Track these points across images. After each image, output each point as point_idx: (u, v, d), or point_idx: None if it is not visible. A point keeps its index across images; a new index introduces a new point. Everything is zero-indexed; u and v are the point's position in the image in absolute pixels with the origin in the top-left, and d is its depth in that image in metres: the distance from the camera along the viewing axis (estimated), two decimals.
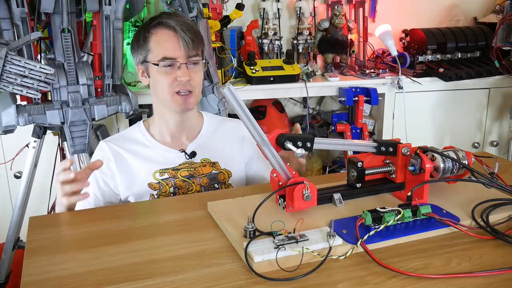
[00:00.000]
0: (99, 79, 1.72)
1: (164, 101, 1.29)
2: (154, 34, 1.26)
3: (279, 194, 0.99)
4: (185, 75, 1.24)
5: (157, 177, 1.29)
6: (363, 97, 2.31)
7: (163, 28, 1.25)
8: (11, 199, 2.16)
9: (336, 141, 1.09)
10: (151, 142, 1.34)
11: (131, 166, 1.30)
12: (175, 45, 1.24)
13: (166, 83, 1.25)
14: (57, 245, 0.91)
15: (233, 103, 0.87)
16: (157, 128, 1.36)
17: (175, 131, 1.34)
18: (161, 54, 1.25)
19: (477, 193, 1.03)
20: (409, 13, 2.71)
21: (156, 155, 1.32)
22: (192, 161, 1.33)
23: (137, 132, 1.37)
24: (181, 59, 1.25)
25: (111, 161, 1.29)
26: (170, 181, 1.30)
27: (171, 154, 1.33)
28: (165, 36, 1.25)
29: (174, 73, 1.25)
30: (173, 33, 1.24)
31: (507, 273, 0.77)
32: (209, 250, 0.86)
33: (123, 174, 1.29)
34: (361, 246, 0.83)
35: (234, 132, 1.42)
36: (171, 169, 1.31)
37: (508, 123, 2.57)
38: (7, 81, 1.50)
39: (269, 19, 2.44)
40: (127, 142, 1.34)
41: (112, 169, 1.29)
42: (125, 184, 1.29)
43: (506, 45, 2.43)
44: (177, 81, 1.25)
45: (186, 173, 1.31)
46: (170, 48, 1.24)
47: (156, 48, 1.25)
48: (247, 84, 2.21)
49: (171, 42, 1.24)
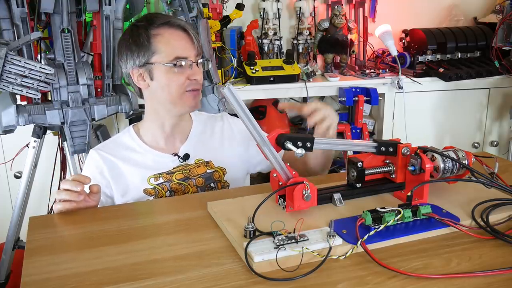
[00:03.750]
0: (99, 79, 1.72)
1: (172, 103, 1.27)
2: (159, 35, 1.23)
3: (279, 194, 0.99)
4: (198, 73, 1.26)
5: (152, 182, 1.28)
6: (363, 97, 2.31)
7: (170, 28, 1.24)
8: (11, 199, 2.16)
9: (336, 141, 1.09)
10: (142, 147, 1.32)
11: (124, 173, 1.28)
12: (186, 44, 1.24)
13: (178, 83, 1.24)
14: (57, 245, 0.91)
15: (233, 103, 0.87)
16: (149, 133, 1.33)
17: (169, 134, 1.33)
18: (173, 54, 1.23)
19: (477, 193, 1.03)
20: (409, 13, 2.71)
21: (148, 161, 1.30)
22: (187, 163, 1.32)
23: (127, 137, 1.34)
24: (192, 58, 1.25)
25: (104, 170, 1.27)
26: (166, 185, 1.28)
27: (164, 159, 1.31)
28: (174, 36, 1.24)
29: (186, 73, 1.24)
30: (183, 33, 1.25)
31: (507, 273, 0.77)
32: (209, 250, 0.86)
33: (117, 182, 1.27)
34: (361, 246, 0.83)
35: (222, 129, 1.41)
36: (165, 173, 1.29)
37: (508, 123, 2.57)
38: (7, 81, 1.50)
39: (269, 19, 2.44)
40: (117, 148, 1.32)
41: (106, 177, 1.27)
42: (119, 191, 1.27)
43: (506, 45, 2.43)
44: (189, 80, 1.25)
45: (181, 175, 1.30)
46: (181, 48, 1.24)
47: (166, 48, 1.23)
48: (247, 84, 2.21)
49: (182, 41, 1.24)
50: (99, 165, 1.28)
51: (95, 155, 1.30)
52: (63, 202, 1.06)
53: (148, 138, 1.33)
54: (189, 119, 1.40)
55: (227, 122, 1.43)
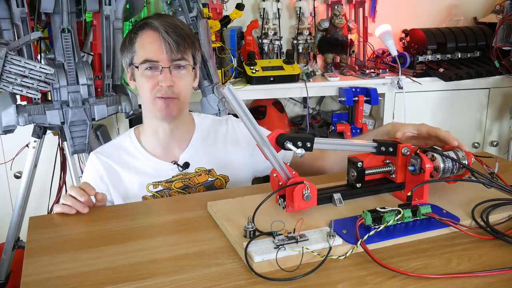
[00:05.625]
0: (99, 79, 1.72)
1: (147, 106, 1.25)
2: (140, 35, 1.21)
3: (279, 194, 0.99)
4: (166, 80, 1.18)
5: (151, 189, 1.26)
6: (363, 97, 2.31)
7: (148, 30, 1.20)
8: (11, 199, 2.16)
9: (336, 141, 1.09)
10: (142, 153, 1.29)
11: (123, 179, 1.27)
12: (157, 47, 1.18)
13: (148, 87, 1.20)
14: (57, 245, 0.91)
15: (233, 103, 0.87)
16: (147, 138, 1.31)
17: (165, 142, 1.29)
18: (143, 56, 1.19)
19: (477, 193, 1.02)
20: (409, 13, 2.71)
21: (147, 168, 1.28)
22: (186, 172, 1.29)
23: (128, 142, 1.32)
24: (163, 63, 1.19)
25: (103, 175, 1.26)
26: (165, 193, 1.26)
27: (163, 167, 1.28)
28: (149, 38, 1.19)
29: (157, 77, 1.19)
30: (157, 34, 1.18)
31: (507, 273, 0.77)
32: (209, 250, 0.86)
33: (116, 187, 1.26)
34: (361, 246, 0.83)
35: (226, 134, 1.37)
36: (164, 182, 1.27)
37: (508, 123, 2.57)
38: (7, 81, 1.50)
39: (269, 19, 2.44)
40: (117, 153, 1.30)
41: (105, 182, 1.26)
42: (119, 197, 1.26)
43: (506, 45, 2.43)
44: (158, 86, 1.19)
45: (181, 184, 1.27)
46: (152, 51, 1.18)
47: (140, 50, 1.20)
48: (247, 84, 2.21)
49: (154, 44, 1.18)
50: (99, 170, 1.27)
51: (95, 159, 1.29)
52: (64, 205, 1.05)
53: (147, 143, 1.31)
54: (191, 124, 1.36)
55: (232, 126, 1.38)
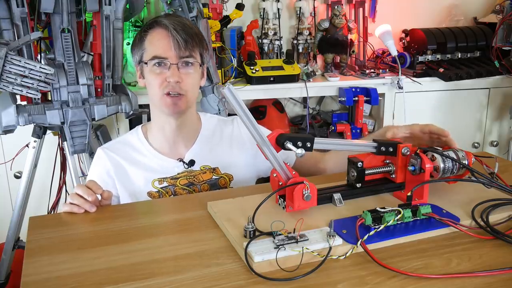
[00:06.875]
0: (99, 79, 1.72)
1: (155, 103, 1.27)
2: (149, 33, 1.24)
3: (279, 194, 0.99)
4: (174, 76, 1.21)
5: (156, 185, 1.28)
6: (363, 97, 2.31)
7: (157, 28, 1.24)
8: (11, 199, 2.16)
9: (336, 141, 1.09)
10: (149, 150, 1.31)
11: (129, 174, 1.28)
12: (166, 44, 1.21)
13: (156, 83, 1.23)
14: (57, 245, 0.91)
15: (233, 103, 0.87)
16: (154, 135, 1.33)
17: (172, 138, 1.31)
18: (152, 53, 1.23)
19: (477, 193, 1.03)
20: (409, 13, 2.71)
21: (154, 164, 1.30)
22: (192, 169, 1.31)
23: (135, 138, 1.34)
24: (172, 59, 1.22)
25: (110, 169, 1.28)
26: (170, 189, 1.28)
27: (169, 164, 1.30)
28: (158, 35, 1.23)
29: (165, 74, 1.22)
30: (166, 32, 1.22)
31: (507, 273, 0.77)
32: (209, 250, 0.86)
33: (122, 182, 1.28)
34: (361, 246, 0.83)
35: (232, 134, 1.38)
36: (169, 178, 1.29)
37: (508, 123, 2.57)
38: (7, 81, 1.50)
39: (269, 19, 2.44)
40: (124, 148, 1.32)
41: (112, 176, 1.28)
42: (125, 192, 1.27)
43: (506, 45, 2.43)
44: (166, 82, 1.22)
45: (186, 181, 1.29)
46: (161, 47, 1.22)
47: (149, 47, 1.24)
48: (247, 84, 2.21)
49: (163, 41, 1.22)
50: (106, 165, 1.29)
51: (102, 154, 1.30)
52: (72, 205, 1.06)
53: (154, 140, 1.33)
54: (198, 123, 1.37)
55: (237, 127, 1.40)
